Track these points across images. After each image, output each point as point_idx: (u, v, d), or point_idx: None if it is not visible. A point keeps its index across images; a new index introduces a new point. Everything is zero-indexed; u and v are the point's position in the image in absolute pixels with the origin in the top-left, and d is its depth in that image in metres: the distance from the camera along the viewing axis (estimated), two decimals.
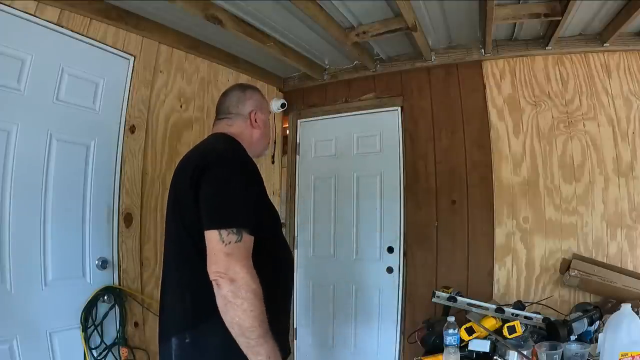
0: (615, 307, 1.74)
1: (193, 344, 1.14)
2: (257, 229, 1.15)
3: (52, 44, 1.92)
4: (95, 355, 1.96)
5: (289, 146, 3.38)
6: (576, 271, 2.20)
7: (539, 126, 2.57)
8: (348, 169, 3.15)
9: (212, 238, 1.09)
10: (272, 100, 3.19)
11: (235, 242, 1.08)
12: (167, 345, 1.18)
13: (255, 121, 1.41)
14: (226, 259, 1.06)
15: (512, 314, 1.80)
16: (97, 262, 2.06)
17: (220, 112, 1.44)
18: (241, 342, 1.06)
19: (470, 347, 1.74)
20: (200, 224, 1.13)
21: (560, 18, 2.15)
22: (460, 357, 1.66)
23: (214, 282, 1.07)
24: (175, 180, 1.31)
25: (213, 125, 1.45)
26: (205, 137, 1.45)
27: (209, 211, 1.13)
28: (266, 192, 1.32)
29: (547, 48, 2.52)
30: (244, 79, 3.02)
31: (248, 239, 1.11)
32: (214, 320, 1.12)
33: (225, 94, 1.47)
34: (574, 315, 1.88)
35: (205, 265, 1.13)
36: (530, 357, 1.60)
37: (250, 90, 1.47)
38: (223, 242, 1.07)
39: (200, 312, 1.16)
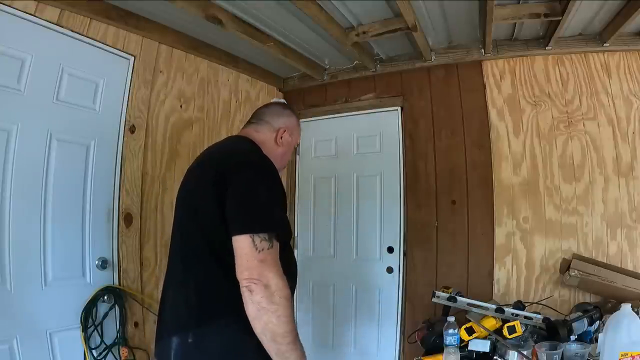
0: (615, 307, 1.74)
1: (196, 345, 1.13)
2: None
3: (52, 44, 1.92)
4: (95, 355, 1.96)
5: None
6: (576, 271, 2.20)
7: (539, 126, 2.57)
8: (348, 169, 3.15)
9: (245, 244, 1.08)
10: (272, 100, 3.18)
11: (268, 248, 1.08)
12: (167, 344, 1.17)
13: (281, 138, 1.40)
14: (260, 265, 1.06)
15: (512, 314, 1.80)
16: (97, 262, 2.06)
17: (254, 117, 1.45)
18: (271, 348, 1.07)
19: (470, 347, 1.74)
20: (218, 223, 1.13)
21: (560, 18, 2.15)
22: (460, 357, 1.66)
23: (245, 288, 1.06)
24: (193, 177, 1.29)
25: (242, 128, 1.45)
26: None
27: (240, 216, 1.12)
28: (286, 199, 1.29)
29: (547, 48, 2.52)
30: (244, 79, 3.02)
31: (277, 245, 1.12)
32: (219, 321, 1.13)
33: (267, 105, 1.50)
34: (574, 315, 1.88)
35: (217, 265, 1.13)
36: (530, 357, 1.60)
37: (290, 111, 1.50)
38: (256, 248, 1.07)
39: (206, 313, 1.14)
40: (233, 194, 1.13)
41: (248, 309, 1.07)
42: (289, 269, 1.27)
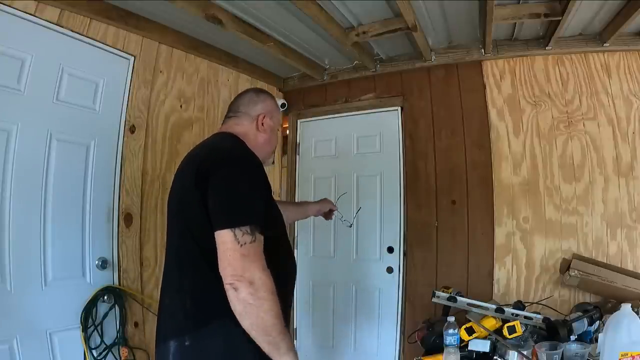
0: (615, 307, 1.74)
1: (193, 347, 1.12)
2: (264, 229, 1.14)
3: (52, 44, 1.92)
4: (95, 355, 1.96)
5: (289, 146, 3.38)
6: (576, 271, 2.20)
7: (539, 126, 2.57)
8: (348, 169, 3.15)
9: (227, 239, 1.07)
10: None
11: (250, 242, 1.07)
12: (165, 347, 1.16)
13: (262, 125, 1.38)
14: (242, 260, 1.06)
15: (512, 314, 1.80)
16: (97, 262, 2.06)
17: (230, 110, 1.43)
18: (262, 340, 1.07)
19: (470, 347, 1.74)
20: (206, 224, 1.12)
21: (560, 18, 2.15)
22: (460, 357, 1.66)
23: (229, 286, 1.05)
24: (178, 180, 1.29)
25: (222, 123, 1.44)
26: (206, 136, 1.44)
27: (221, 211, 1.11)
28: (271, 193, 1.29)
29: (547, 48, 2.52)
30: (244, 79, 3.02)
31: (260, 238, 1.11)
32: (215, 323, 1.12)
33: (239, 95, 1.47)
34: (574, 315, 1.87)
35: (209, 267, 1.12)
36: (530, 357, 1.60)
37: (264, 94, 1.47)
38: (238, 242, 1.06)
39: (202, 315, 1.14)
40: (213, 191, 1.13)
41: (235, 307, 1.06)
42: (284, 269, 1.27)
